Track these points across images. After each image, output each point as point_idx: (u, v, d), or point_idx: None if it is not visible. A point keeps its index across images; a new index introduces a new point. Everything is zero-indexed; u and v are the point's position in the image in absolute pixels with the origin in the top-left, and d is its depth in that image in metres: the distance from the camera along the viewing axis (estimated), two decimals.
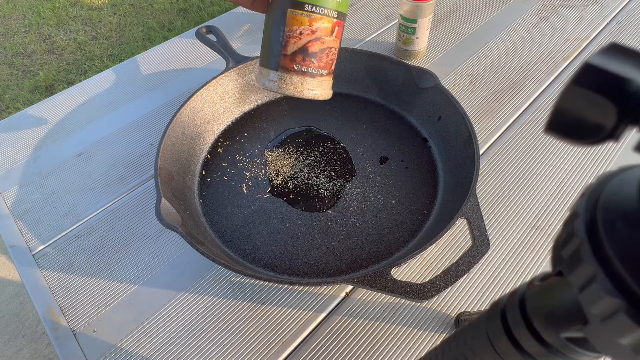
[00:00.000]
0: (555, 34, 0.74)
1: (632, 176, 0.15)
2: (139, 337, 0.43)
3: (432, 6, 0.64)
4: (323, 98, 0.34)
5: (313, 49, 0.32)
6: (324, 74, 0.33)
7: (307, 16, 0.31)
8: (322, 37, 0.32)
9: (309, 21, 0.31)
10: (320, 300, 0.44)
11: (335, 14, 0.31)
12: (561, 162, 0.55)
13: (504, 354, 0.21)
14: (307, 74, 0.32)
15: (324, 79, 0.34)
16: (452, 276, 0.38)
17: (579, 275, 0.15)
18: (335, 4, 0.31)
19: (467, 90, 0.65)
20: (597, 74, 0.13)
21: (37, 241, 0.51)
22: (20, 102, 1.78)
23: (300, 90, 0.33)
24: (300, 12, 0.31)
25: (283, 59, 0.32)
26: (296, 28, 0.31)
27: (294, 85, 0.32)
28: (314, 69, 0.32)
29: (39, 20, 2.17)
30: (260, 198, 0.52)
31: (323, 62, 0.33)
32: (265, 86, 0.33)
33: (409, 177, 0.54)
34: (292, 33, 0.31)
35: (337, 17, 0.32)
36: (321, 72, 0.33)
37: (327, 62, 0.33)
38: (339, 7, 0.32)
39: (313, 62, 0.32)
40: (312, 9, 0.31)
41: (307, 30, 0.31)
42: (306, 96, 0.33)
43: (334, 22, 0.32)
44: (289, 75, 0.32)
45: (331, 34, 0.32)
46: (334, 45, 0.33)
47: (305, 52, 0.32)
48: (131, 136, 0.62)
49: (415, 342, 0.41)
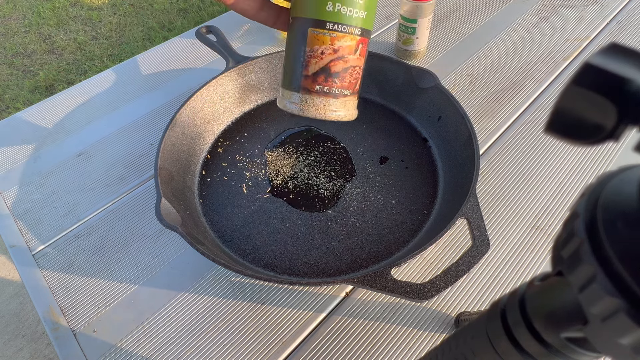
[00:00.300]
0: (555, 34, 0.74)
1: (632, 176, 0.15)
2: (139, 337, 0.43)
3: (432, 6, 0.64)
4: (347, 119, 0.33)
5: (336, 68, 0.30)
6: (347, 94, 0.32)
7: (329, 35, 0.29)
8: (345, 55, 0.30)
9: (330, 40, 0.29)
10: (320, 300, 0.44)
11: (359, 31, 0.30)
12: (561, 162, 0.55)
13: (504, 354, 0.21)
14: (330, 95, 0.31)
15: (347, 99, 0.32)
16: (452, 276, 0.38)
17: (579, 275, 0.15)
18: (359, 21, 0.30)
19: (467, 90, 0.65)
20: (597, 74, 0.13)
21: (37, 241, 0.51)
22: (20, 102, 1.78)
23: (323, 112, 0.31)
24: (321, 31, 0.29)
25: (304, 80, 0.31)
26: (317, 47, 0.30)
27: (316, 107, 0.31)
28: (336, 89, 0.31)
29: (39, 20, 2.17)
30: (260, 198, 0.52)
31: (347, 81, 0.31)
32: (287, 108, 0.32)
33: (409, 177, 0.54)
34: (314, 53, 0.30)
35: (360, 35, 0.30)
36: (345, 92, 0.31)
37: (351, 82, 0.31)
38: (363, 24, 0.30)
39: (336, 82, 0.31)
40: (334, 27, 0.29)
41: (329, 49, 0.30)
42: (329, 118, 0.32)
43: (358, 39, 0.30)
44: (311, 96, 0.31)
45: (355, 52, 0.30)
46: (358, 64, 0.31)
47: (328, 72, 0.30)
48: (131, 136, 0.62)
49: (415, 342, 0.41)
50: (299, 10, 0.30)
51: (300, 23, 0.30)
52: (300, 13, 0.30)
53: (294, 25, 0.31)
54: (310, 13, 0.29)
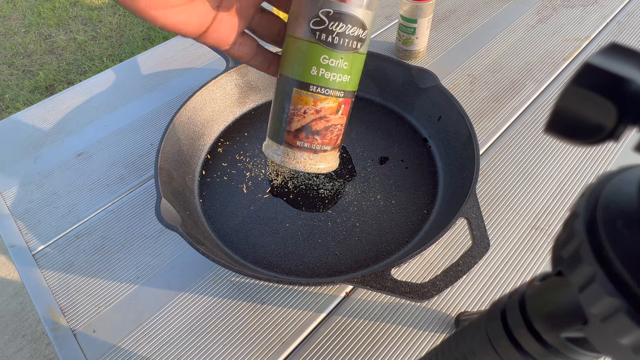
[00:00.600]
0: (555, 34, 0.74)
1: (632, 176, 0.15)
2: (139, 337, 0.43)
3: (432, 6, 0.64)
4: (327, 171, 0.34)
5: (317, 127, 0.31)
6: (327, 149, 0.33)
7: (312, 96, 0.30)
8: (327, 115, 0.31)
9: (313, 101, 0.30)
10: (320, 300, 0.44)
11: (342, 93, 0.31)
12: (561, 162, 0.55)
13: (504, 354, 0.21)
14: (311, 150, 0.32)
15: (328, 154, 0.33)
16: (452, 276, 0.38)
17: (579, 275, 0.15)
18: (342, 85, 0.31)
19: (467, 90, 0.65)
20: (597, 74, 0.13)
21: (37, 241, 0.51)
22: (20, 102, 1.78)
23: (303, 165, 0.32)
24: (305, 92, 0.30)
25: (287, 135, 0.32)
26: (300, 107, 0.31)
27: (297, 160, 0.32)
28: (317, 145, 0.32)
29: (39, 20, 2.17)
30: (260, 198, 0.52)
31: (327, 139, 0.32)
32: (270, 157, 0.33)
33: (409, 177, 0.54)
34: (297, 111, 0.31)
35: (343, 97, 0.31)
36: (325, 147, 0.33)
37: (332, 139, 0.33)
38: (346, 87, 0.31)
39: (317, 139, 0.32)
40: (317, 89, 0.30)
41: (311, 109, 0.31)
42: (309, 171, 0.33)
43: (340, 101, 0.31)
44: (293, 150, 0.32)
45: (336, 112, 0.32)
46: (340, 122, 0.32)
47: (309, 130, 0.31)
48: (131, 136, 0.62)
49: (415, 342, 0.41)
50: (285, 69, 0.31)
51: (285, 81, 0.31)
52: (286, 72, 0.31)
53: (280, 81, 0.32)
54: (295, 74, 0.30)
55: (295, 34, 0.30)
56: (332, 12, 0.28)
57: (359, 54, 0.30)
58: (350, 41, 0.29)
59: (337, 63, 0.30)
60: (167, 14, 0.26)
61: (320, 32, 0.29)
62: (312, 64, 0.30)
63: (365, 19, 0.29)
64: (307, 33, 0.29)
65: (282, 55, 0.32)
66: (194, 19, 0.27)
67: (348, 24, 0.29)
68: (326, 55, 0.29)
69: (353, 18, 0.29)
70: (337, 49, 0.29)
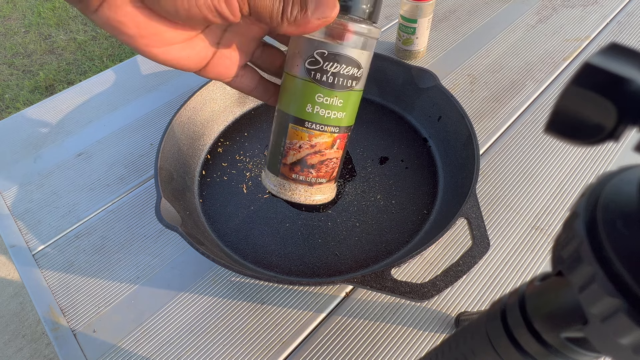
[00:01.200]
0: (555, 34, 0.74)
1: (632, 176, 0.15)
2: (139, 337, 0.43)
3: (432, 6, 0.64)
4: (323, 202, 0.35)
5: (312, 161, 0.32)
6: (323, 182, 0.33)
7: (307, 132, 0.31)
8: (322, 150, 0.32)
9: (308, 137, 0.31)
10: (320, 300, 0.44)
11: (337, 129, 0.31)
12: (561, 162, 0.55)
13: (504, 354, 0.21)
14: (306, 183, 0.33)
15: (323, 186, 0.34)
16: (452, 276, 0.38)
17: (579, 275, 0.15)
18: (337, 121, 0.31)
19: (467, 90, 0.65)
20: (597, 74, 0.13)
21: (37, 241, 0.51)
22: (20, 102, 1.78)
23: (298, 197, 0.33)
24: (300, 128, 0.31)
25: (283, 167, 0.32)
26: (296, 142, 0.31)
27: (292, 191, 0.33)
28: (312, 178, 0.32)
29: (39, 20, 2.17)
30: (260, 198, 0.52)
31: (322, 172, 0.33)
32: (267, 187, 0.34)
33: (409, 177, 0.54)
34: (292, 145, 0.31)
35: (338, 132, 0.32)
36: (320, 180, 0.33)
37: (327, 172, 0.33)
38: (341, 123, 0.31)
39: (312, 172, 0.32)
40: (312, 126, 0.31)
41: (306, 144, 0.31)
42: (305, 202, 0.33)
43: (335, 136, 0.32)
44: (288, 182, 0.33)
45: (332, 147, 0.32)
46: (335, 156, 0.33)
47: (304, 163, 0.32)
48: (131, 136, 0.62)
49: (415, 342, 0.41)
50: (282, 104, 0.31)
51: (282, 116, 0.31)
52: (283, 107, 0.31)
53: (278, 115, 0.32)
54: (291, 110, 0.31)
55: (292, 71, 0.30)
56: (327, 53, 0.28)
57: (354, 92, 0.31)
58: (345, 80, 0.30)
59: (332, 101, 0.30)
60: (167, 51, 0.26)
61: (315, 71, 0.29)
62: (308, 102, 0.30)
63: (360, 59, 0.29)
64: (302, 72, 0.29)
65: (280, 90, 0.32)
66: (194, 55, 0.27)
67: (343, 64, 0.29)
68: (321, 93, 0.30)
69: (348, 59, 0.29)
70: (332, 88, 0.30)
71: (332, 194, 0.35)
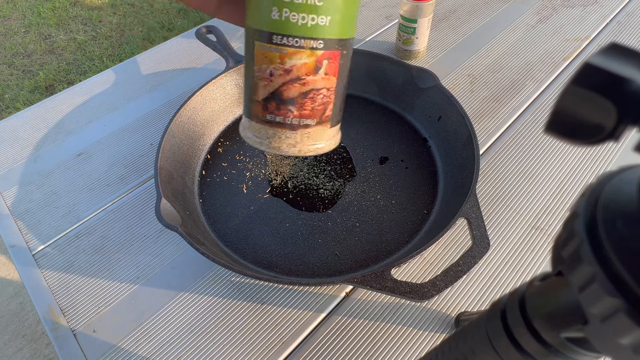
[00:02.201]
0: (555, 34, 0.74)
1: (632, 176, 0.15)
2: (139, 337, 0.43)
3: (432, 6, 0.64)
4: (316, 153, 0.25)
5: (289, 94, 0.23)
6: (310, 124, 0.24)
7: (277, 50, 0.22)
8: (302, 77, 0.23)
9: (279, 58, 0.22)
10: (320, 300, 0.44)
11: (320, 43, 0.22)
12: (561, 162, 0.55)
13: (504, 354, 0.21)
14: (287, 127, 0.24)
15: (312, 130, 0.24)
16: (452, 276, 0.38)
17: (579, 275, 0.15)
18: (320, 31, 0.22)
19: (467, 90, 0.65)
20: (597, 74, 0.13)
21: (37, 241, 0.51)
22: (20, 102, 1.78)
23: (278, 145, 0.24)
24: (267, 46, 0.22)
25: (254, 106, 0.24)
26: (265, 67, 0.22)
27: (270, 139, 0.24)
28: (293, 119, 0.23)
29: (39, 20, 2.17)
30: (260, 198, 0.52)
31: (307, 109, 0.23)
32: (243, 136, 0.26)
33: (409, 177, 0.54)
34: (262, 74, 0.23)
35: (323, 47, 0.22)
36: (305, 122, 0.24)
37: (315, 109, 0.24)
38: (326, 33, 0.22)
39: (291, 110, 0.23)
40: (282, 40, 0.21)
41: (278, 69, 0.22)
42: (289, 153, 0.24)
43: (320, 54, 0.22)
44: (264, 127, 0.24)
45: (315, 71, 0.23)
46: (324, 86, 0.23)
47: (279, 98, 0.23)
48: (131, 136, 0.62)
49: (415, 342, 0.41)
50: (247, 15, 0.23)
51: (248, 34, 0.23)
52: (247, 20, 0.23)
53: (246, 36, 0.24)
54: (254, 22, 0.22)
55: None
56: None
57: None
58: None
59: None
60: None
61: None
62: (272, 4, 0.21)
63: None
64: None
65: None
66: None
67: None
68: None
69: None
70: None
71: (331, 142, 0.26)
